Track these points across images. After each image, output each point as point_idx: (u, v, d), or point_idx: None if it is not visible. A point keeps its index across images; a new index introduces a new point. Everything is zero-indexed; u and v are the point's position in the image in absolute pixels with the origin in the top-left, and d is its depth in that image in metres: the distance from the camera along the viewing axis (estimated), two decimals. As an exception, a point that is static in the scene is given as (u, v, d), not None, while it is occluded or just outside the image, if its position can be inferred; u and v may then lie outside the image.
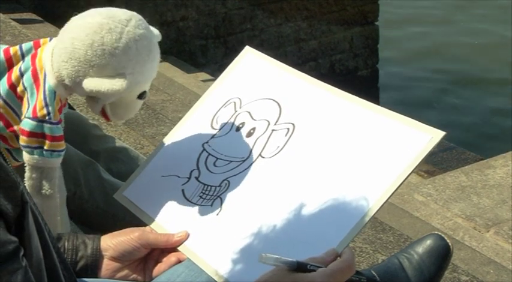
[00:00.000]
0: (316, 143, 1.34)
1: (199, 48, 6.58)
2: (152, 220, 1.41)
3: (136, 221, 1.45)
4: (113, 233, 1.38)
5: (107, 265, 1.35)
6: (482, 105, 7.36)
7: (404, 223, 2.83)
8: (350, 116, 1.35)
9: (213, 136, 1.47)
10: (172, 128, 1.55)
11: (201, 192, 1.40)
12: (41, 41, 1.43)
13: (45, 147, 1.40)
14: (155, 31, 1.43)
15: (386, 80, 7.81)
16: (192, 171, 1.44)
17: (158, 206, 1.43)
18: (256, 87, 1.50)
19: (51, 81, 1.37)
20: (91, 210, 1.73)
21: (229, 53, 6.79)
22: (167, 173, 1.47)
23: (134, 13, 1.38)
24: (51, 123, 1.38)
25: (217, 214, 1.35)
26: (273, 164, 1.36)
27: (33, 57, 1.40)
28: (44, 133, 1.38)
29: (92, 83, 1.31)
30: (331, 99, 1.40)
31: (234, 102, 1.50)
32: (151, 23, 1.44)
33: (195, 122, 1.52)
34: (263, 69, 1.53)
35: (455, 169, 3.71)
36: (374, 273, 1.87)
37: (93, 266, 1.34)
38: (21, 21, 4.92)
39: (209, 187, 1.40)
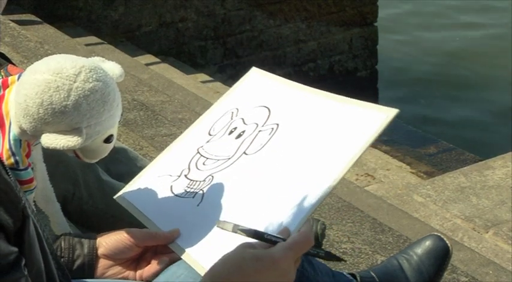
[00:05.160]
0: (291, 137, 1.44)
1: (198, 49, 6.58)
2: (146, 218, 1.45)
3: (136, 222, 1.45)
4: (109, 232, 1.40)
5: (98, 262, 1.37)
6: (482, 105, 7.37)
7: (403, 224, 2.83)
8: (322, 109, 1.47)
9: (208, 141, 1.56)
10: (171, 129, 1.59)
11: (187, 186, 1.47)
12: (9, 79, 1.40)
13: None
14: (116, 70, 1.38)
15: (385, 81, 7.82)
16: (182, 170, 1.52)
17: (150, 203, 1.48)
18: (254, 98, 1.59)
19: (15, 130, 1.36)
20: (90, 211, 1.73)
21: (229, 54, 6.79)
22: (162, 174, 1.54)
23: (86, 63, 1.32)
24: (19, 170, 1.37)
25: (197, 205, 1.41)
26: (254, 159, 1.44)
27: (1, 100, 1.38)
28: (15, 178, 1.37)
29: (48, 140, 1.31)
30: (310, 99, 1.50)
31: (232, 112, 1.59)
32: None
33: (195, 131, 1.61)
34: (265, 85, 1.62)
35: (455, 170, 3.71)
36: (373, 274, 1.87)
37: (90, 264, 1.36)
38: (20, 23, 4.92)
39: (194, 182, 1.47)
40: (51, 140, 1.30)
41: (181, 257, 1.34)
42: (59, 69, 1.29)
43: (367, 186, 3.46)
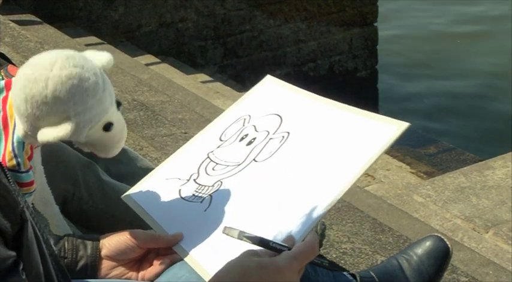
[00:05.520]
0: (301, 146, 1.45)
1: (198, 49, 6.58)
2: (152, 219, 1.46)
3: (137, 222, 1.46)
4: (111, 233, 1.40)
5: (102, 263, 1.37)
6: (481, 105, 7.37)
7: (403, 224, 2.83)
8: (333, 119, 1.47)
9: (218, 146, 1.56)
10: (171, 129, 1.59)
11: (195, 190, 1.47)
12: (13, 80, 1.39)
13: None
14: (103, 58, 1.36)
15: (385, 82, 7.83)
16: (192, 175, 1.52)
17: (158, 205, 1.49)
18: (267, 106, 1.61)
19: (19, 133, 1.36)
20: (90, 211, 1.73)
21: (229, 54, 6.79)
22: (171, 176, 1.55)
23: (64, 52, 1.31)
24: (21, 172, 1.38)
25: (204, 210, 1.41)
26: (263, 166, 1.44)
27: (4, 101, 1.38)
28: (15, 181, 1.38)
29: (41, 135, 1.31)
30: (322, 109, 1.51)
31: (244, 119, 1.60)
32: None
33: (206, 136, 1.63)
34: (278, 93, 1.63)
35: (455, 170, 3.71)
36: (373, 274, 1.87)
37: (93, 265, 1.36)
38: (20, 23, 4.93)
39: (203, 187, 1.47)
40: (43, 134, 1.30)
41: (184, 259, 1.34)
42: (36, 62, 1.30)
43: (367, 186, 3.46)
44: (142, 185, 1.57)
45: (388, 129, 1.37)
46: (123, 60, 4.74)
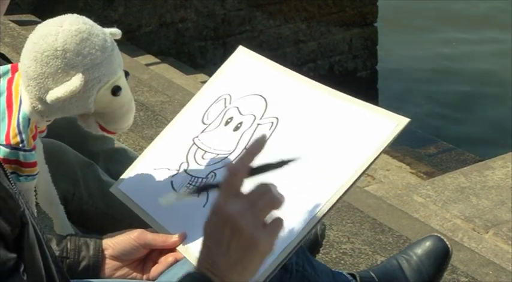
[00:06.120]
0: (295, 136, 1.40)
1: (198, 49, 6.58)
2: (144, 212, 1.45)
3: (137, 222, 1.45)
4: (114, 233, 1.40)
5: (106, 264, 1.37)
6: (481, 105, 7.37)
7: (403, 224, 2.83)
8: (326, 108, 1.41)
9: (203, 131, 1.52)
10: None
11: (188, 183, 1.44)
12: (19, 65, 1.42)
13: (19, 173, 1.40)
14: (113, 29, 1.42)
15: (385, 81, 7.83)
16: (181, 164, 1.48)
17: (149, 197, 1.47)
18: (246, 84, 1.55)
19: (26, 109, 1.37)
20: (90, 211, 1.74)
21: (228, 54, 6.74)
22: (159, 166, 1.51)
23: (73, 15, 1.37)
24: (24, 150, 1.38)
25: (203, 206, 1.38)
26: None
27: (10, 82, 1.40)
28: (18, 160, 1.39)
29: (51, 95, 1.32)
30: (312, 94, 1.45)
31: (225, 99, 1.55)
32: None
33: (187, 118, 1.58)
34: (254, 68, 1.58)
35: (454, 170, 3.71)
36: (373, 274, 1.87)
37: (95, 266, 1.37)
38: (20, 23, 4.92)
39: (196, 178, 1.44)
40: (53, 92, 1.32)
41: (186, 256, 1.33)
42: (46, 22, 1.35)
43: (367, 186, 3.46)
44: (129, 175, 1.53)
45: (388, 124, 1.31)
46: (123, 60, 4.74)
